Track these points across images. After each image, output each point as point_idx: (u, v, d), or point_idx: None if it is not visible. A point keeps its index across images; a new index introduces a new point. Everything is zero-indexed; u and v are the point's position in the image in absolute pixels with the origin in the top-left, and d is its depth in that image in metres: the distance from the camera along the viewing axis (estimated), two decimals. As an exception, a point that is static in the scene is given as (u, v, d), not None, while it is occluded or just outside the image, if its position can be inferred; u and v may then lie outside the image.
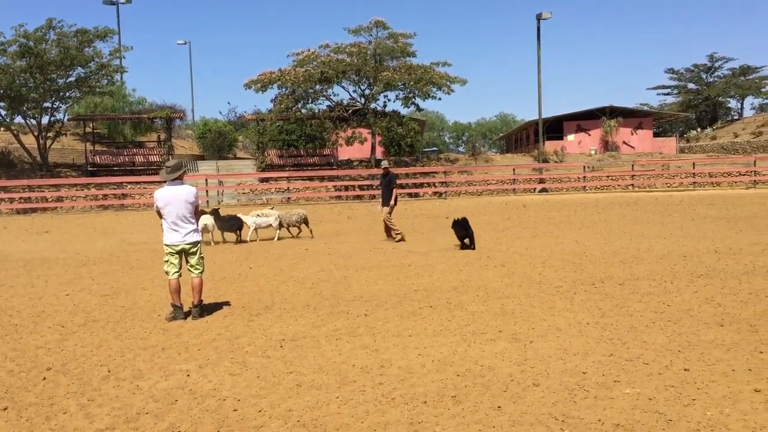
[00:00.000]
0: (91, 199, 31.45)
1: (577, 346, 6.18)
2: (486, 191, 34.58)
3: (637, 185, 35.33)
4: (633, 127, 47.62)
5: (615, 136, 46.67)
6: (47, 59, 32.50)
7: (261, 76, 35.64)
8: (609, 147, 46.24)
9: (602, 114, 46.91)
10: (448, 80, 35.85)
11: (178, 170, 8.02)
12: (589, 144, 46.91)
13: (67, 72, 34.21)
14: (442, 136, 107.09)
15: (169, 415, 4.82)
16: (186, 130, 56.84)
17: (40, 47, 32.34)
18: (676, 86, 74.59)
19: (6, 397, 5.34)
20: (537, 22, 37.44)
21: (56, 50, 32.83)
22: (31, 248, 15.86)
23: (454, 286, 9.41)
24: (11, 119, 34.87)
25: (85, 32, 33.62)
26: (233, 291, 9.61)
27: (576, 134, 47.85)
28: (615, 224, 17.57)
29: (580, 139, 47.60)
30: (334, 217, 23.20)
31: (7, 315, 8.41)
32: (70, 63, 33.43)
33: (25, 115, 34.70)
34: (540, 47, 37.80)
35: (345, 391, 5.19)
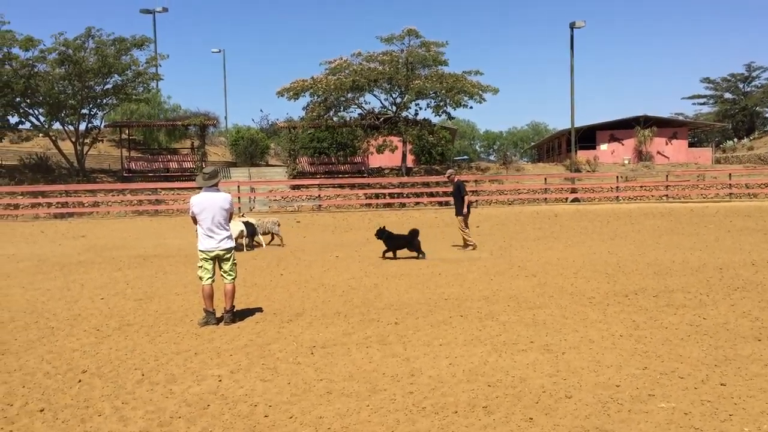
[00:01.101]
0: (126, 205, 31.95)
1: (611, 359, 6.10)
2: (517, 200, 34.37)
3: (672, 196, 34.82)
4: (668, 136, 46.97)
5: (649, 145, 46.06)
6: (86, 67, 33.16)
7: (293, 84, 35.91)
8: (643, 157, 45.64)
9: (636, 123, 46.34)
10: (480, 89, 35.76)
11: (214, 177, 8.12)
12: (622, 154, 46.38)
13: (104, 79, 34.85)
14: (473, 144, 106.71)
15: (202, 420, 4.87)
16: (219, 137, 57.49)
17: (78, 55, 33.01)
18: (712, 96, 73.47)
19: (42, 398, 5.44)
20: (570, 31, 37.17)
21: (94, 58, 33.48)
22: (68, 252, 16.16)
23: (485, 296, 9.36)
24: (50, 125, 35.61)
25: (123, 41, 34.25)
26: (264, 297, 9.67)
27: (609, 144, 47.35)
28: (649, 235, 17.34)
29: (614, 148, 47.08)
30: (364, 225, 23.24)
31: (44, 318, 8.58)
32: (107, 71, 34.07)
33: (64, 122, 35.42)
34: (573, 56, 37.53)
35: (375, 400, 5.20)
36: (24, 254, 15.85)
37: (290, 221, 25.54)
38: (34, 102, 34.25)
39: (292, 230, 21.75)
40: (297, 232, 20.77)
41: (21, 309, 9.16)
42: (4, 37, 32.23)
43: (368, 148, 37.15)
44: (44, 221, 28.52)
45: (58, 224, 26.50)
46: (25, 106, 34.55)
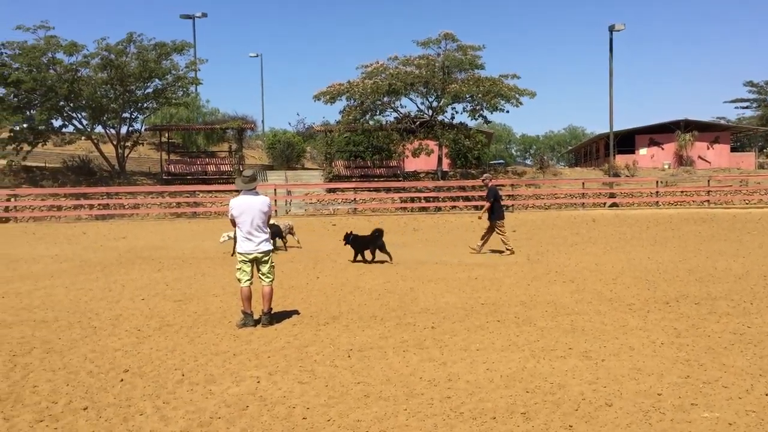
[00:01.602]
0: (165, 207, 32.47)
1: (652, 367, 6.00)
2: (554, 205, 34.03)
3: (713, 201, 34.14)
4: (709, 141, 46.04)
5: (690, 150, 45.22)
6: (127, 71, 33.85)
7: (330, 88, 36.11)
8: (683, 161, 44.83)
9: (676, 127, 45.54)
10: (517, 93, 35.52)
11: (254, 180, 8.20)
12: (662, 158, 45.61)
13: (145, 84, 35.53)
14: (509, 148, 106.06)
15: (241, 421, 4.92)
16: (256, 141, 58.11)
17: (120, 60, 33.71)
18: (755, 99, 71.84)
19: (86, 397, 5.55)
20: (609, 34, 36.72)
21: (135, 63, 34.16)
22: (109, 253, 16.46)
23: (522, 301, 9.29)
24: (92, 129, 36.37)
25: (163, 45, 34.86)
26: (301, 300, 9.73)
27: (648, 148, 46.60)
28: (690, 241, 17.02)
29: (653, 153, 46.33)
30: (399, 229, 23.24)
31: (86, 317, 8.75)
32: (148, 75, 34.72)
33: (105, 125, 36.16)
34: (612, 59, 37.05)
35: (413, 404, 5.19)
36: (67, 255, 16.20)
37: (326, 224, 25.67)
38: (77, 106, 35.05)
39: (327, 233, 21.86)
40: (333, 236, 20.84)
41: (64, 308, 9.36)
42: (48, 42, 33.07)
43: (404, 151, 37.17)
44: (86, 222, 29.12)
45: (99, 225, 27.02)
46: (68, 110, 35.37)
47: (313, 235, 20.63)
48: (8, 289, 11.16)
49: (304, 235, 19.67)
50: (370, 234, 14.18)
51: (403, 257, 14.78)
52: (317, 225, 25.44)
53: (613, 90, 37.29)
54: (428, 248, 16.76)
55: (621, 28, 36.24)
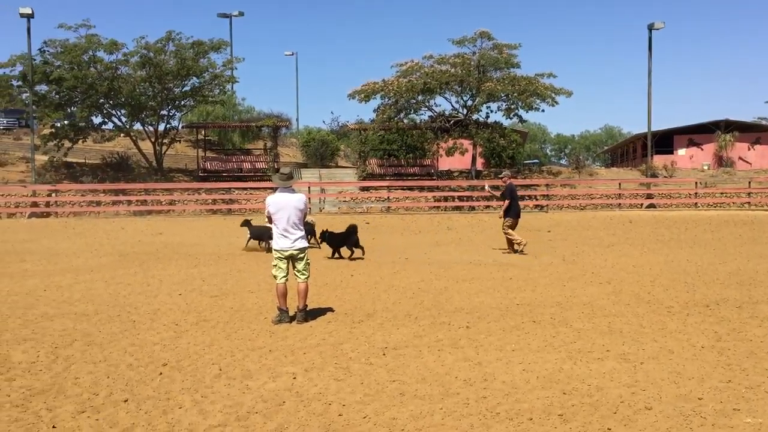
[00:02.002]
0: (201, 204, 32.87)
1: (692, 371, 5.90)
2: (590, 205, 33.64)
3: (755, 203, 33.42)
4: (750, 142, 45.09)
5: (730, 151, 44.35)
6: (165, 69, 34.37)
7: (365, 87, 36.17)
8: (723, 162, 43.98)
9: (716, 128, 44.70)
10: (553, 92, 35.18)
11: (291, 178, 8.28)
12: (701, 159, 44.81)
13: (183, 82, 36.02)
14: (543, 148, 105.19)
15: (278, 416, 4.96)
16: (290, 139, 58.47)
17: (159, 58, 34.22)
18: (799, 99, 70.08)
19: (126, 389, 5.64)
20: (648, 32, 36.17)
21: (174, 61, 34.65)
22: (147, 249, 16.72)
23: (558, 302, 9.21)
24: (131, 126, 36.98)
25: (201, 44, 35.31)
26: (335, 297, 9.77)
27: (687, 148, 45.84)
28: (730, 243, 16.69)
29: (692, 153, 45.55)
30: (433, 228, 23.20)
31: (126, 311, 8.90)
32: (186, 73, 35.20)
33: (144, 122, 36.77)
34: (651, 58, 36.50)
35: (448, 403, 5.18)
36: (106, 249, 16.50)
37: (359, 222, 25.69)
38: (117, 103, 35.67)
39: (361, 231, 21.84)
40: (366, 234, 20.87)
41: (104, 302, 9.53)
42: (90, 41, 33.74)
43: (438, 150, 37.10)
44: (124, 218, 29.62)
45: (137, 221, 27.47)
46: (108, 107, 36.04)
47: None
48: (50, 282, 11.41)
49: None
50: (345, 230, 14.55)
51: (437, 256, 14.76)
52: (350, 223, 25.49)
53: (651, 89, 36.76)
54: (462, 247, 16.71)
55: (660, 27, 35.68)
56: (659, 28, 35.81)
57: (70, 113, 35.69)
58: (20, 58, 33.64)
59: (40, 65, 33.84)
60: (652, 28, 35.94)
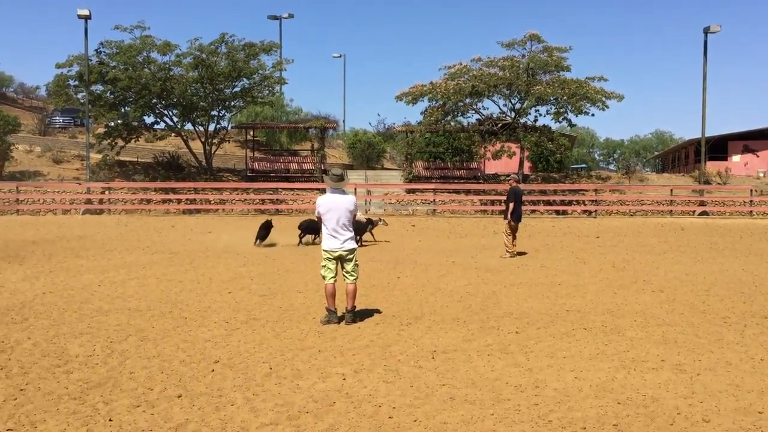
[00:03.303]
0: (249, 203, 33.27)
1: (751, 383, 5.73)
2: (640, 212, 32.98)
3: (813, 212, 32.32)
4: (809, 148, 43.66)
5: (788, 158, 43.04)
6: (217, 71, 34.88)
7: (412, 89, 36.11)
8: (780, 170, 42.68)
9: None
10: (604, 95, 34.57)
11: (342, 180, 8.31)
12: (757, 166, 43.54)
13: (233, 83, 36.51)
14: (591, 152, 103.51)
15: (328, 417, 4.98)
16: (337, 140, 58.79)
17: (211, 59, 34.77)
18: None
19: (179, 385, 5.74)
20: (704, 36, 35.27)
21: (225, 62, 35.15)
22: (196, 247, 17.00)
23: (609, 309, 9.05)
24: (182, 126, 37.65)
25: (252, 46, 35.76)
26: (383, 299, 9.78)
27: (742, 155, 44.61)
28: (788, 254, 16.17)
29: (747, 160, 44.30)
30: (479, 231, 23.05)
31: (177, 308, 9.06)
32: (237, 74, 35.69)
33: (194, 122, 37.37)
34: (706, 62, 35.61)
35: (500, 409, 5.13)
36: (157, 247, 16.83)
37: (405, 225, 25.71)
38: (169, 103, 36.35)
39: (407, 233, 21.91)
40: (412, 236, 20.87)
41: (156, 299, 9.72)
42: (144, 42, 34.48)
43: (485, 153, 36.81)
44: (174, 216, 30.19)
45: (186, 219, 27.96)
46: (160, 107, 36.76)
47: (392, 235, 20.68)
48: (104, 278, 11.69)
49: (384, 235, 19.77)
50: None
51: (484, 260, 14.65)
52: (397, 225, 25.48)
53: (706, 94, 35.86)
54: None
55: (717, 30, 34.73)
56: (715, 32, 34.89)
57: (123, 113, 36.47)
58: (77, 59, 34.57)
59: (96, 66, 34.70)
60: (708, 32, 35.03)
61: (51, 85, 36.76)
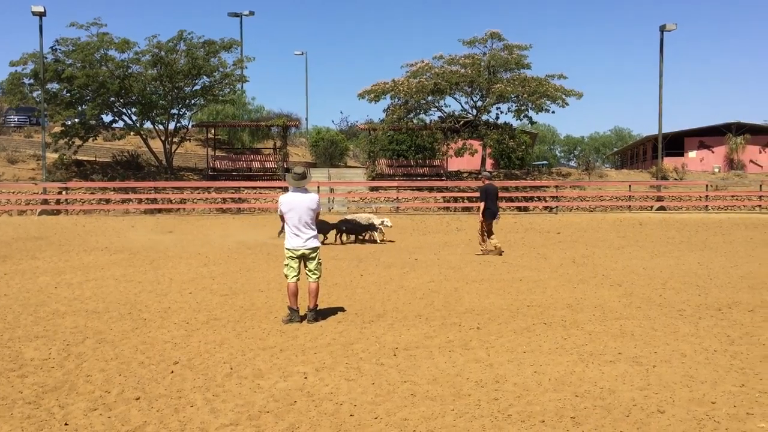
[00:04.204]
0: (211, 203, 32.93)
1: (705, 374, 5.87)
2: (599, 207, 33.52)
3: (766, 207, 33.21)
4: (762, 144, 44.78)
5: (741, 154, 44.08)
6: (176, 68, 34.41)
7: (374, 87, 36.10)
8: (734, 165, 43.72)
9: (728, 130, 44.43)
10: (563, 93, 35.02)
11: (304, 178, 8.29)
12: (712, 162, 44.54)
13: (193, 81, 36.06)
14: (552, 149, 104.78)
15: (289, 416, 4.96)
16: (300, 138, 58.48)
17: (170, 57, 34.30)
18: (811, 102, 69.66)
19: (138, 387, 5.66)
20: (660, 34, 35.92)
21: (185, 60, 34.70)
22: (156, 247, 16.78)
23: (569, 304, 9.18)
24: (141, 124, 37.06)
25: (212, 43, 35.34)
26: (346, 297, 9.78)
27: (698, 151, 45.58)
28: (741, 247, 16.59)
29: (702, 156, 45.30)
30: (442, 228, 23.19)
31: (136, 309, 8.93)
32: (197, 72, 35.23)
33: (154, 121, 36.82)
34: (662, 59, 36.28)
35: (460, 404, 5.17)
36: (116, 247, 16.57)
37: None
38: (128, 102, 35.76)
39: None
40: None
41: (115, 300, 9.57)
42: (101, 39, 33.82)
43: (447, 151, 37.00)
44: (134, 216, 29.74)
45: (147, 219, 27.57)
46: (118, 106, 36.12)
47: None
48: (61, 279, 11.47)
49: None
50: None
51: (446, 257, 14.73)
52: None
53: (662, 91, 36.54)
54: (472, 248, 16.66)
55: (672, 28, 35.42)
56: (671, 30, 35.57)
57: (80, 111, 35.71)
58: (32, 57, 33.76)
59: (52, 63, 33.93)
60: (663, 30, 35.69)
61: (5, 84, 35.98)
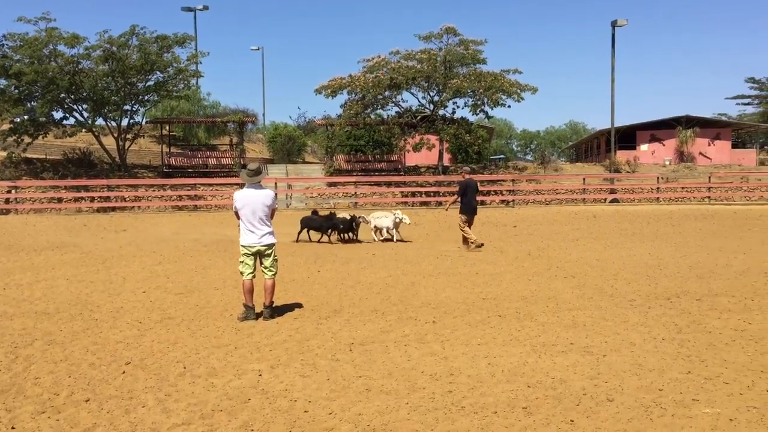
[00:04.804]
0: (166, 200, 32.45)
1: (653, 362, 6.01)
2: (555, 200, 34.05)
3: (714, 198, 34.15)
4: (710, 137, 46.00)
5: (691, 146, 45.19)
6: (129, 64, 33.76)
7: (331, 82, 36.03)
8: (684, 158, 44.81)
9: (678, 124, 45.50)
10: (519, 88, 35.44)
11: (258, 174, 8.23)
12: (663, 154, 45.58)
13: (146, 76, 35.43)
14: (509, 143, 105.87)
15: (243, 414, 4.93)
16: (257, 134, 58.01)
17: (122, 52, 33.63)
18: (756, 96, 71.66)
19: (88, 389, 5.56)
20: (612, 30, 36.63)
21: (137, 55, 34.05)
22: (110, 246, 16.47)
23: (523, 296, 9.30)
24: (93, 121, 36.29)
25: (165, 38, 34.76)
26: (302, 294, 9.74)
27: (649, 144, 46.57)
28: (690, 237, 17.03)
29: (654, 149, 46.30)
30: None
31: (88, 310, 8.76)
32: (150, 68, 34.61)
33: (106, 118, 36.07)
34: (614, 54, 37.00)
35: (414, 398, 5.20)
36: (68, 247, 16.20)
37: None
38: (79, 98, 34.98)
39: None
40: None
41: (66, 301, 9.37)
42: (50, 34, 32.97)
43: (405, 146, 37.11)
44: (87, 215, 29.13)
45: (100, 218, 27.03)
46: (69, 102, 35.30)
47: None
48: (9, 280, 11.17)
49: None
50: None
51: (404, 252, 14.79)
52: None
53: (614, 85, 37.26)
54: (429, 243, 16.77)
55: (623, 24, 36.15)
56: (622, 26, 36.29)
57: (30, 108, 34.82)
58: (-23, 52, 32.82)
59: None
60: (615, 25, 36.40)
61: (-51, 80, 34.75)
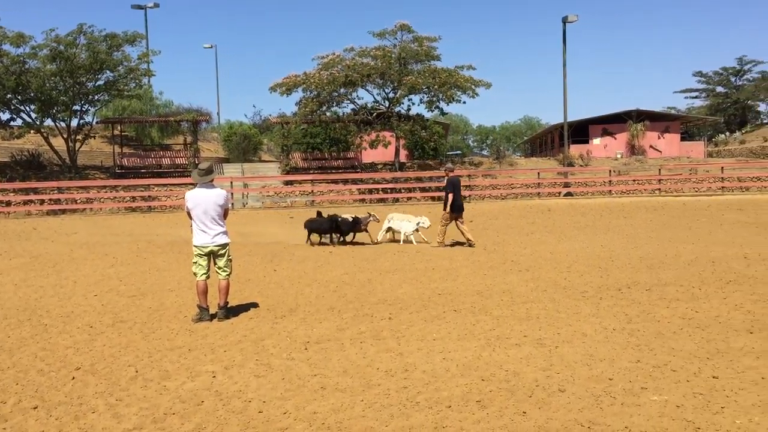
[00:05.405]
0: (119, 201, 31.86)
1: (604, 352, 6.14)
2: (510, 195, 34.40)
3: (664, 190, 34.94)
4: (660, 130, 47.07)
5: (641, 140, 46.18)
6: (77, 63, 32.96)
7: (286, 80, 35.76)
8: (635, 151, 45.76)
9: (628, 117, 46.44)
10: (473, 84, 35.68)
11: (210, 173, 8.13)
12: (615, 148, 46.47)
13: (96, 76, 34.64)
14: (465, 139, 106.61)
15: (196, 416, 4.87)
16: (212, 133, 57.31)
17: (70, 51, 32.81)
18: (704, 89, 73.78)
19: (36, 396, 5.43)
20: (563, 25, 37.14)
21: (86, 54, 33.27)
22: (61, 249, 16.09)
23: (479, 291, 9.39)
24: (41, 122, 35.39)
25: (115, 37, 34.03)
26: (258, 293, 9.68)
27: (602, 138, 47.44)
28: (641, 229, 17.40)
29: (606, 142, 47.17)
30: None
31: (36, 315, 8.55)
32: (99, 67, 33.85)
33: (55, 118, 35.20)
34: (566, 50, 37.54)
35: (369, 395, 5.21)
36: (17, 251, 15.78)
37: (283, 217, 25.51)
38: (26, 98, 34.05)
39: (285, 226, 21.73)
40: (291, 228, 20.73)
41: (14, 306, 9.13)
42: (-6, 33, 32.03)
43: (361, 143, 37.08)
44: (36, 218, 28.40)
45: (50, 221, 26.38)
46: (16, 103, 34.35)
47: (272, 228, 20.48)
48: (-46, 287, 10.83)
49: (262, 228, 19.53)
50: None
51: (361, 250, 14.79)
52: (275, 218, 25.28)
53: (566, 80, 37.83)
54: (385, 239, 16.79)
55: (574, 20, 36.67)
56: (573, 21, 36.82)
57: (-26, 109, 33.88)
58: None
59: (-60, 59, 31.95)
60: (566, 21, 36.93)
61: None
